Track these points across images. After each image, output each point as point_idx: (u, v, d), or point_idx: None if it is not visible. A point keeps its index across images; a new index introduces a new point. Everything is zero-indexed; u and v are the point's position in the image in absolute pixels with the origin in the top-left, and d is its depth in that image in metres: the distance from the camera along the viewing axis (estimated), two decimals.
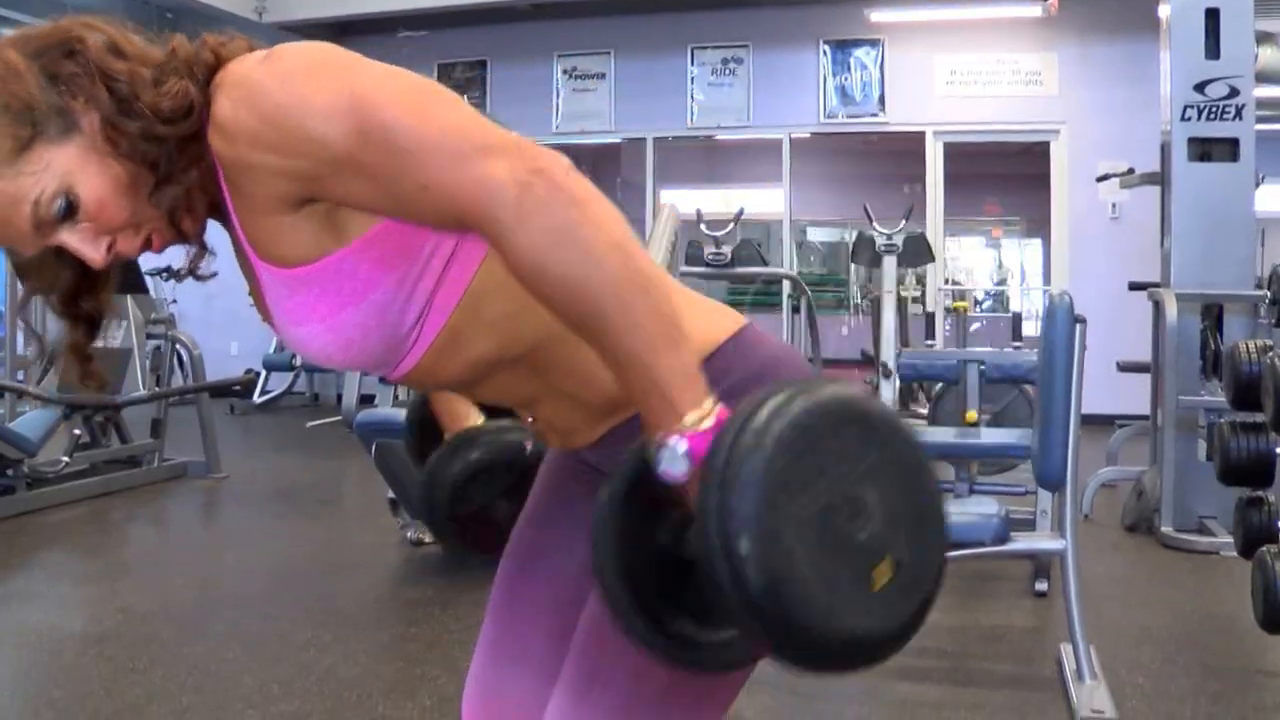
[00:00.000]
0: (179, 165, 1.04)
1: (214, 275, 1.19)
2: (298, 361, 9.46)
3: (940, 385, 5.60)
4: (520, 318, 1.14)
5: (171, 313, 8.39)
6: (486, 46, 9.35)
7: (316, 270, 1.08)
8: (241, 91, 1.01)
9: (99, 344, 1.28)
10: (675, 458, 0.97)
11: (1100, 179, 7.09)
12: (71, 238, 1.05)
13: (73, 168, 1.02)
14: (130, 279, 5.92)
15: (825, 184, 12.81)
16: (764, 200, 10.44)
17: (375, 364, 1.16)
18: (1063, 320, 3.32)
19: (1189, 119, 5.11)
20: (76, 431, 5.82)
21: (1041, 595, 4.15)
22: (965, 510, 3.52)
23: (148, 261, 8.91)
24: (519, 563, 1.41)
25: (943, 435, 4.69)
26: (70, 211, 1.03)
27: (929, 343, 7.45)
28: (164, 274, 9.65)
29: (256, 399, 9.68)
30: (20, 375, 6.28)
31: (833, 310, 13.59)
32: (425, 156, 1.00)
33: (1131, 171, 6.46)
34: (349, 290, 1.08)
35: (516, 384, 1.22)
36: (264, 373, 9.71)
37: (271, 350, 9.63)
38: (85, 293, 1.16)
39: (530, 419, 1.29)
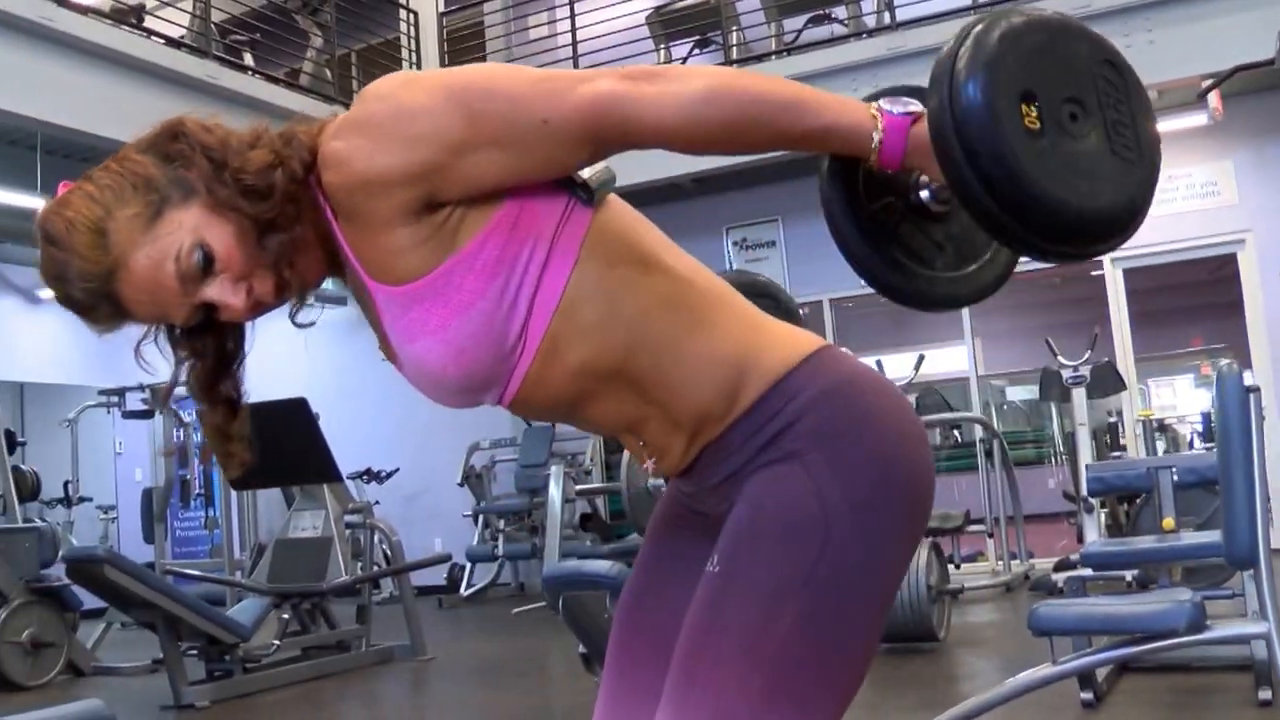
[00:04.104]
0: (282, 215, 1.19)
1: (312, 325, 1.31)
2: (499, 551, 9.67)
3: (1139, 499, 5.37)
4: (610, 322, 1.24)
5: (369, 501, 8.73)
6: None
7: (426, 284, 1.20)
8: (343, 127, 1.18)
9: (301, 534, 1.44)
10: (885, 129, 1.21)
11: None
12: (213, 290, 1.20)
13: (199, 223, 1.19)
14: (326, 469, 6.24)
15: (1011, 337, 12.57)
16: (950, 359, 10.31)
17: (486, 379, 1.25)
18: (1233, 388, 3.19)
19: None
20: (285, 617, 6.07)
21: (1266, 705, 3.84)
22: (1157, 599, 3.35)
23: (348, 464, 9.41)
24: (629, 614, 1.45)
25: (1140, 542, 4.47)
26: (208, 263, 1.19)
27: (1116, 454, 7.14)
28: (364, 476, 10.13)
29: (463, 592, 9.88)
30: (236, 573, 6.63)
31: (1035, 465, 13.07)
32: (533, 100, 1.17)
33: None
34: (457, 302, 1.20)
35: (617, 405, 1.29)
36: (469, 565, 9.93)
37: (474, 542, 9.87)
38: (222, 376, 1.31)
39: (638, 443, 1.34)
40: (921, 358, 7.76)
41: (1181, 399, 14.24)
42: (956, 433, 11.89)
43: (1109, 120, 1.21)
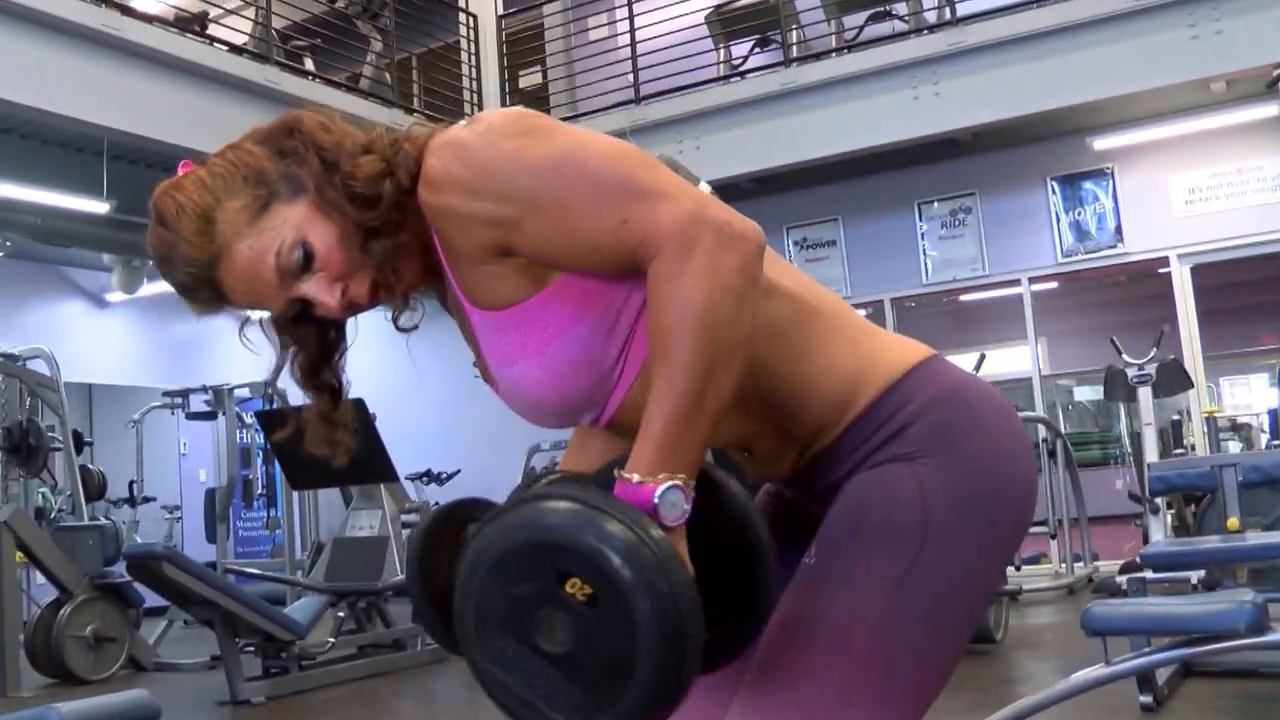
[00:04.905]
0: (387, 222, 1.19)
1: (415, 328, 1.32)
2: None
3: (1204, 498, 5.24)
4: None
5: (427, 501, 8.77)
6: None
7: (522, 310, 1.19)
8: (450, 150, 1.18)
9: (358, 533, 1.42)
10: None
11: None
12: (309, 287, 1.22)
13: (303, 221, 1.20)
14: (382, 469, 6.28)
15: (1079, 336, 12.35)
16: (1014, 359, 10.14)
17: (586, 402, 1.24)
18: None
19: None
20: (341, 615, 6.12)
21: None
22: (1216, 599, 3.26)
23: (409, 465, 9.47)
24: None
25: (1204, 543, 4.36)
26: (307, 261, 1.20)
27: (1178, 451, 6.98)
28: (424, 478, 10.19)
29: None
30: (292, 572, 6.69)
31: (1102, 466, 12.83)
32: (615, 199, 1.13)
33: None
34: (555, 327, 1.19)
35: (727, 425, 1.25)
36: None
37: None
38: (324, 365, 1.32)
39: (748, 456, 1.33)
40: (983, 357, 7.65)
41: (1257, 397, 13.90)
42: None
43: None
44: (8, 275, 9.52)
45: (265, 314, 1.29)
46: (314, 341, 1.30)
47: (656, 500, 1.07)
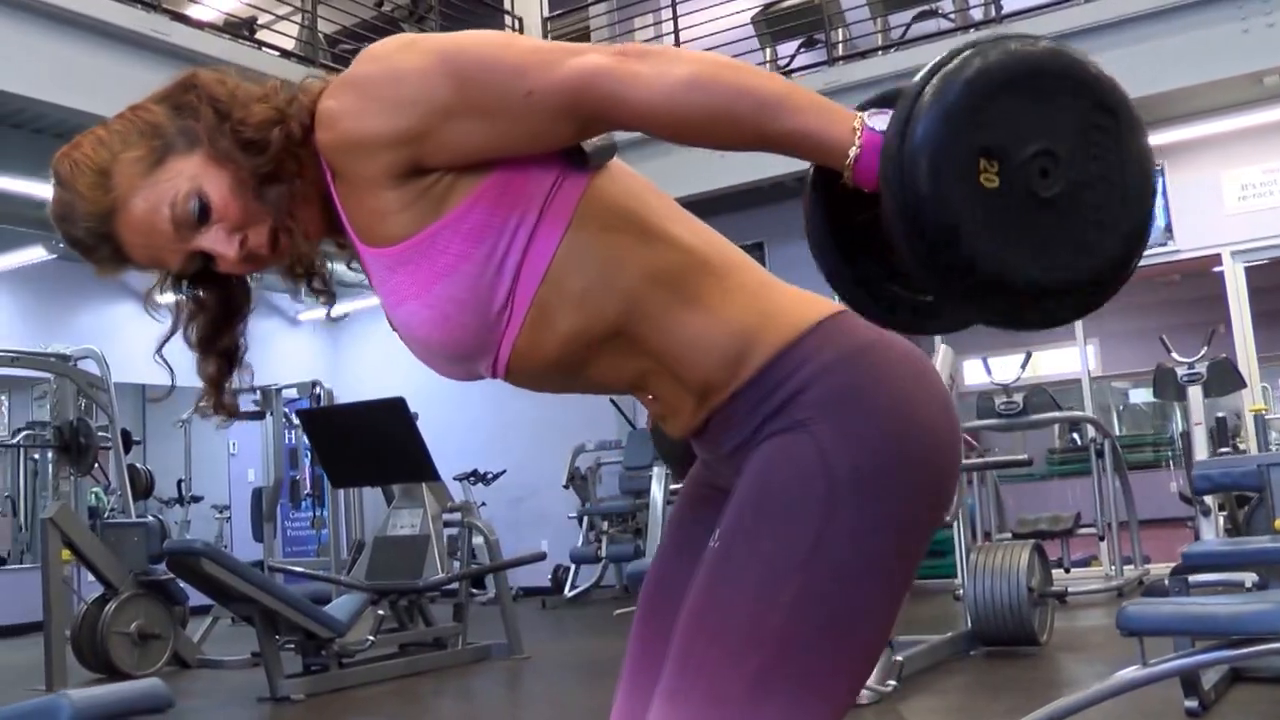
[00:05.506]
0: (281, 168, 1.20)
1: (345, 316, 1.33)
2: (603, 553, 9.68)
3: (1254, 499, 5.13)
4: (601, 292, 1.20)
5: (469, 500, 8.80)
6: (763, 227, 9.37)
7: (411, 246, 1.18)
8: (340, 87, 1.19)
9: (399, 532, 1.42)
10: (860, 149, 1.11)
11: None
12: (207, 239, 1.22)
13: (198, 173, 1.20)
14: (423, 468, 6.30)
15: (1133, 337, 12.16)
16: (1066, 360, 10.00)
17: (475, 346, 1.22)
18: None
19: None
20: (381, 613, 6.14)
21: None
22: (1259, 599, 3.18)
23: (454, 465, 9.52)
24: (649, 599, 1.41)
25: (1250, 543, 4.27)
26: (204, 212, 1.20)
27: (1223, 450, 6.85)
28: (470, 478, 10.24)
29: (567, 594, 9.91)
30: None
31: (1156, 468, 12.61)
32: (522, 71, 1.14)
33: None
34: (441, 265, 1.18)
35: (619, 363, 1.26)
36: (573, 567, 9.96)
37: (579, 544, 9.91)
38: (225, 330, 1.32)
39: (650, 398, 1.31)
40: (1028, 356, 7.56)
41: None
42: (1076, 435, 11.55)
43: (1091, 175, 1.07)
44: (61, 277, 9.67)
45: (167, 278, 1.29)
46: (215, 305, 1.31)
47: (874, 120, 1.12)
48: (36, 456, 10.65)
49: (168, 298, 1.32)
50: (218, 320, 1.31)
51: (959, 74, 1.06)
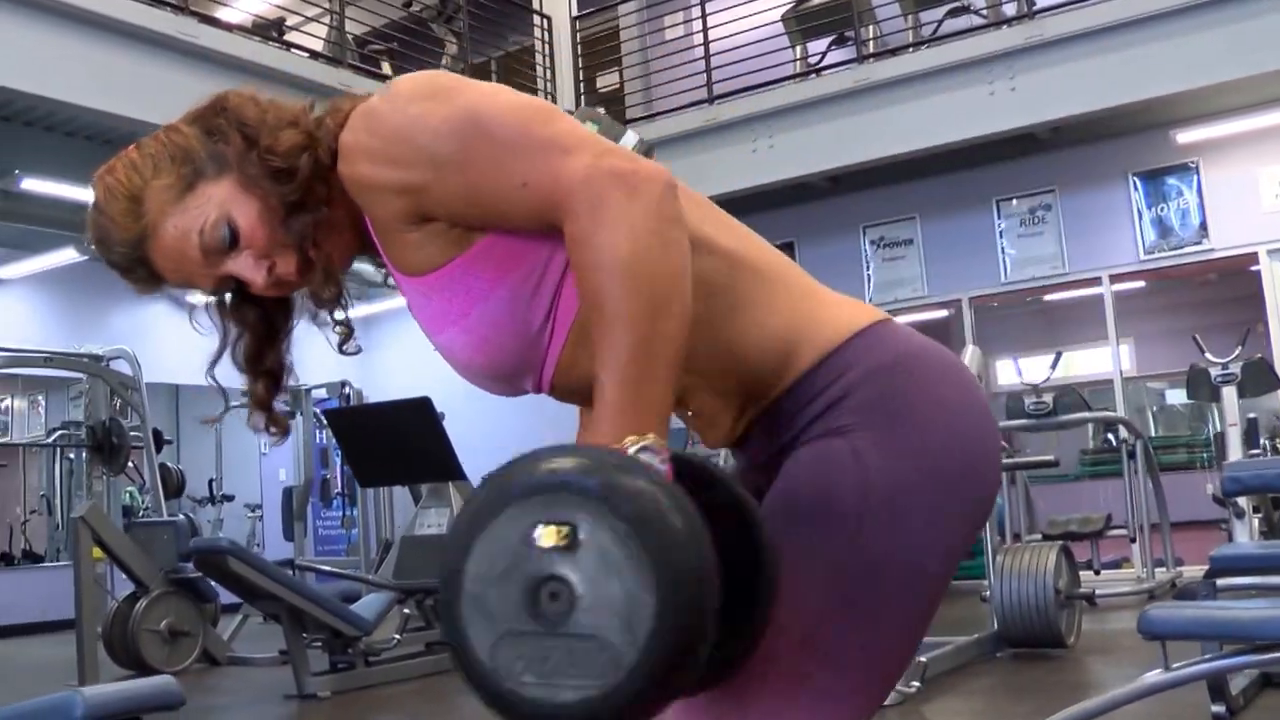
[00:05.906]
0: (308, 196, 1.19)
1: (358, 352, 1.35)
2: None
3: None
4: None
5: None
6: (792, 226, 9.42)
7: (444, 275, 1.18)
8: (361, 120, 1.18)
9: (426, 531, 1.40)
10: None
11: None
12: (236, 264, 1.22)
13: (228, 199, 1.20)
14: (449, 467, 6.30)
15: (1168, 338, 12.03)
16: (1100, 360, 9.89)
17: (517, 366, 1.22)
18: None
19: None
20: (407, 612, 6.16)
21: None
22: (1276, 605, 3.13)
23: (482, 466, 9.50)
24: None
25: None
26: (233, 239, 1.20)
27: (1254, 451, 6.75)
28: None
29: None
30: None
31: (1191, 470, 12.44)
32: (513, 157, 1.11)
33: None
34: (478, 290, 1.17)
35: None
36: None
37: None
38: (268, 349, 1.33)
39: (689, 414, 1.29)
40: (1058, 356, 7.49)
41: None
42: (1110, 436, 11.42)
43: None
44: (93, 279, 9.76)
45: (212, 298, 1.30)
46: (256, 323, 1.30)
47: None
48: (71, 456, 10.77)
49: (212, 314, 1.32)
50: (261, 339, 1.32)
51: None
